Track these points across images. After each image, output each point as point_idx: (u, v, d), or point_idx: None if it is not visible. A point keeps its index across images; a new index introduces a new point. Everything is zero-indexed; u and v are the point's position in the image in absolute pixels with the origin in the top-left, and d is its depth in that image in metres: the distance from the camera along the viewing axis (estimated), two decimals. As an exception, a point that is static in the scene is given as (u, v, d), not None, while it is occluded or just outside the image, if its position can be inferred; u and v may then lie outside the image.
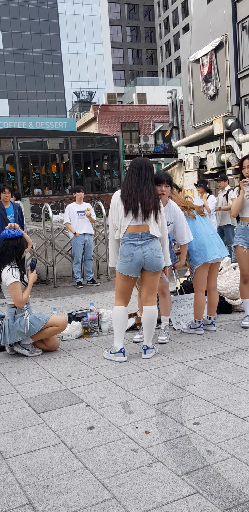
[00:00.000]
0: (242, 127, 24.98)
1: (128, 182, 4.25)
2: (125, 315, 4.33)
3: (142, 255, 4.17)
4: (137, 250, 4.18)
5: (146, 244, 4.19)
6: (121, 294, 4.34)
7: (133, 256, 4.18)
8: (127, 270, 4.24)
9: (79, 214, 8.61)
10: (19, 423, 3.14)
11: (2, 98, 56.20)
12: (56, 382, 3.86)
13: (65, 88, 59.08)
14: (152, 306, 4.30)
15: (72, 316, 5.55)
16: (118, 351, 4.28)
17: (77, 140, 31.35)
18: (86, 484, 2.36)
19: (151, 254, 4.18)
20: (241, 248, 5.05)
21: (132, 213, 4.18)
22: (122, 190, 4.28)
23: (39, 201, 27.05)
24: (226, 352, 4.30)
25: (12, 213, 8.10)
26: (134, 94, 42.78)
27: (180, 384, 3.59)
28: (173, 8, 63.17)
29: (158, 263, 4.22)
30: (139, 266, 4.22)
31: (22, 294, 4.61)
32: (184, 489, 2.25)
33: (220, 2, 25.74)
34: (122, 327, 4.32)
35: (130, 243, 4.20)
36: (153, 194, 4.22)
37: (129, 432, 2.88)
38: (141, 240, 4.19)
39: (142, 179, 4.21)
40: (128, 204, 4.19)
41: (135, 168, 4.26)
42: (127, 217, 4.20)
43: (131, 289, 4.37)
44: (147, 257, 4.17)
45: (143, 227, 4.20)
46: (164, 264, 4.30)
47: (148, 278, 4.28)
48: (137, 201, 4.18)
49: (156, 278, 4.30)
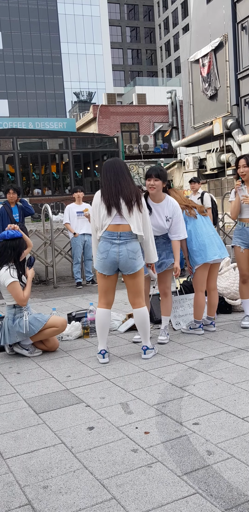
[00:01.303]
0: (241, 127, 24.98)
1: (105, 181, 4.21)
2: (106, 318, 4.28)
3: (117, 254, 4.11)
4: (113, 248, 4.12)
5: (123, 244, 4.13)
6: (102, 293, 4.29)
7: (107, 254, 4.13)
8: (101, 268, 4.20)
9: (79, 214, 8.62)
10: (18, 423, 3.14)
11: (1, 99, 56.21)
12: (56, 383, 3.85)
13: (65, 88, 59.11)
14: (141, 308, 4.27)
15: (72, 316, 5.55)
16: (98, 352, 4.31)
17: (77, 141, 31.33)
18: (86, 485, 2.36)
19: (126, 255, 4.11)
20: (239, 248, 5.06)
21: (116, 209, 4.13)
22: (102, 190, 4.24)
23: (39, 202, 27.04)
24: (226, 352, 4.30)
25: (17, 213, 8.20)
26: (133, 94, 42.80)
27: (180, 385, 3.59)
28: (172, 9, 63.19)
29: (133, 265, 4.15)
30: (113, 264, 4.15)
31: (23, 292, 4.61)
32: (183, 490, 2.25)
33: (220, 2, 25.75)
34: (104, 329, 4.28)
35: (107, 240, 4.15)
36: (132, 185, 4.19)
37: (128, 432, 2.88)
38: (119, 239, 4.13)
39: (119, 173, 4.18)
40: (110, 202, 4.14)
41: (108, 168, 4.22)
42: (109, 216, 4.15)
43: (111, 288, 4.29)
44: (121, 257, 4.11)
45: (123, 226, 4.13)
46: (139, 267, 4.20)
47: (129, 282, 4.24)
48: (118, 195, 4.13)
49: (137, 281, 4.23)
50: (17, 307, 4.65)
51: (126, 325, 5.35)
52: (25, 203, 8.38)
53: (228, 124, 24.68)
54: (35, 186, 29.76)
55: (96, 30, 59.32)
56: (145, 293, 4.83)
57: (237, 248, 5.08)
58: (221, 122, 25.00)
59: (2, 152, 28.23)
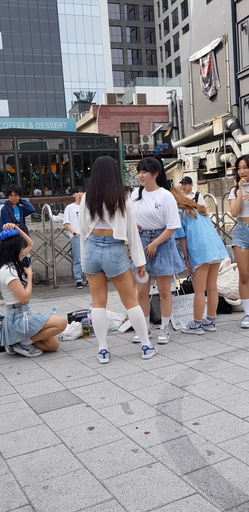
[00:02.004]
0: (241, 127, 24.98)
1: (91, 183, 4.22)
2: (102, 317, 4.30)
3: (100, 257, 4.17)
4: (96, 250, 4.19)
5: (107, 247, 4.17)
6: (93, 292, 4.35)
7: (91, 255, 4.21)
8: (85, 267, 4.29)
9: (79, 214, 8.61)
10: (19, 423, 3.14)
11: (2, 99, 56.22)
12: (56, 383, 3.86)
13: (65, 88, 59.11)
14: (133, 307, 4.28)
15: (72, 316, 5.55)
16: (99, 352, 4.33)
17: (77, 141, 31.34)
18: (86, 485, 2.36)
19: (108, 258, 4.16)
20: (239, 248, 5.06)
21: (98, 214, 4.15)
22: (86, 193, 4.25)
23: (39, 202, 27.04)
24: (226, 352, 4.30)
25: (18, 213, 8.33)
26: (133, 94, 42.79)
27: (180, 385, 3.59)
28: (172, 9, 63.19)
29: (115, 268, 4.17)
30: (95, 265, 4.21)
31: (24, 289, 4.61)
32: (184, 490, 2.25)
33: (220, 2, 25.76)
34: (101, 329, 4.31)
35: (92, 242, 4.23)
36: (116, 188, 4.15)
37: (128, 432, 2.88)
38: (103, 243, 4.18)
39: (105, 174, 4.17)
40: (92, 206, 4.16)
41: (97, 167, 4.21)
42: (93, 221, 4.19)
43: (101, 286, 4.32)
44: (103, 260, 4.17)
45: (107, 231, 4.17)
46: (123, 270, 4.20)
47: (117, 284, 4.29)
48: (100, 199, 4.13)
49: (124, 283, 4.25)
50: (16, 307, 4.64)
51: (126, 325, 5.36)
52: (24, 202, 8.48)
53: (228, 124, 24.68)
54: (35, 186, 29.77)
55: (96, 30, 59.32)
56: (145, 294, 4.83)
57: (238, 248, 5.08)
58: (221, 122, 25.00)
59: (2, 152, 28.23)
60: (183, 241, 4.90)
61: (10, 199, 8.28)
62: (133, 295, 4.32)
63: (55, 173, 30.31)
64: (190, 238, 4.86)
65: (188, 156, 29.09)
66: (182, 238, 4.91)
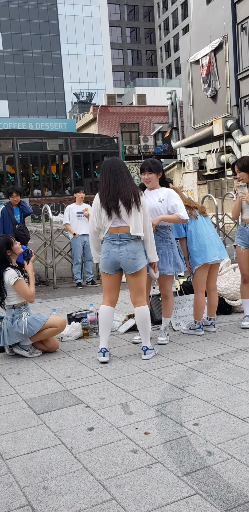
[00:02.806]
0: (241, 128, 24.99)
1: (103, 183, 4.25)
2: (108, 315, 4.34)
3: (117, 255, 4.23)
4: (114, 249, 4.25)
5: (123, 245, 4.22)
6: (106, 291, 4.40)
7: (108, 254, 4.27)
8: (103, 267, 4.34)
9: (79, 215, 8.62)
10: (18, 424, 3.14)
11: (2, 99, 56.24)
12: (56, 383, 3.85)
13: (65, 89, 59.14)
14: (142, 306, 4.30)
15: (72, 317, 5.55)
16: (99, 351, 4.33)
17: (77, 141, 31.34)
18: (86, 485, 2.36)
19: (126, 255, 4.21)
20: (239, 248, 5.09)
21: (114, 212, 4.19)
22: (100, 194, 4.28)
23: (39, 202, 27.04)
24: (226, 353, 4.30)
25: (18, 214, 8.40)
26: (133, 95, 42.80)
27: (180, 385, 3.59)
28: (172, 9, 63.22)
29: (133, 265, 4.23)
30: (113, 264, 4.27)
31: (29, 288, 4.62)
32: (183, 490, 2.25)
33: (220, 3, 25.77)
34: (106, 327, 4.34)
35: (108, 241, 4.28)
36: (130, 184, 4.22)
37: (128, 433, 2.88)
38: (119, 240, 4.23)
39: (118, 173, 4.22)
40: (108, 205, 4.20)
41: (107, 168, 4.26)
42: (109, 219, 4.22)
43: (114, 286, 4.37)
44: (121, 258, 4.23)
45: (123, 228, 4.22)
46: (140, 267, 4.26)
47: (130, 280, 4.32)
48: (116, 197, 4.18)
49: (138, 280, 4.28)
50: (16, 307, 4.65)
51: (126, 326, 5.35)
52: (23, 203, 8.56)
53: (228, 125, 24.69)
54: (35, 186, 29.77)
55: (96, 31, 59.35)
56: None
57: (238, 248, 5.11)
58: (221, 122, 25.01)
59: (2, 152, 28.23)
60: (184, 241, 4.90)
61: (11, 200, 8.32)
62: (144, 293, 4.37)
63: (55, 174, 30.32)
64: (190, 238, 4.87)
65: (188, 157, 29.10)
66: (182, 239, 4.92)
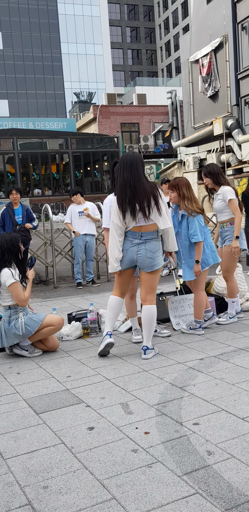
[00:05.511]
0: (242, 127, 24.97)
1: (121, 183, 4.24)
2: (117, 305, 4.41)
3: (135, 254, 4.28)
4: (132, 247, 4.29)
5: (143, 243, 4.27)
6: (117, 284, 4.46)
7: (127, 252, 4.31)
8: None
9: (81, 214, 8.63)
10: (19, 423, 3.14)
11: (2, 99, 56.22)
12: (56, 383, 3.85)
13: (65, 88, 59.12)
14: (151, 305, 4.32)
15: (72, 316, 5.54)
16: (105, 334, 4.37)
17: (77, 141, 31.35)
18: (86, 485, 2.36)
19: (144, 254, 4.26)
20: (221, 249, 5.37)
21: (131, 214, 4.22)
22: (117, 195, 4.28)
23: (39, 202, 27.06)
24: (226, 352, 4.30)
25: (20, 214, 8.13)
26: (133, 94, 42.76)
27: (180, 385, 3.59)
28: (172, 9, 63.18)
29: (150, 264, 4.27)
30: (130, 262, 4.33)
31: (23, 293, 4.62)
32: (183, 490, 2.25)
33: (220, 2, 25.74)
34: (113, 314, 4.41)
35: (129, 239, 4.32)
36: (148, 187, 4.23)
37: (128, 432, 2.88)
38: (140, 239, 4.28)
39: (134, 175, 4.20)
40: (125, 208, 4.21)
41: (126, 165, 4.24)
42: (133, 220, 4.25)
43: (127, 281, 4.45)
44: (139, 257, 4.28)
45: (145, 227, 4.26)
46: (157, 267, 4.31)
47: (144, 277, 4.34)
48: (133, 200, 4.19)
49: (152, 278, 4.33)
50: (12, 308, 4.64)
51: (126, 325, 5.36)
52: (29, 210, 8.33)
53: (228, 124, 24.67)
54: (35, 186, 29.78)
55: (97, 30, 59.32)
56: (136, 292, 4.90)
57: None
58: (221, 122, 24.99)
59: (3, 152, 28.23)
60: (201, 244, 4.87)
61: (11, 198, 8.07)
62: (154, 292, 4.42)
63: (55, 173, 30.33)
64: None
65: (188, 156, 29.08)
66: (199, 242, 4.87)
